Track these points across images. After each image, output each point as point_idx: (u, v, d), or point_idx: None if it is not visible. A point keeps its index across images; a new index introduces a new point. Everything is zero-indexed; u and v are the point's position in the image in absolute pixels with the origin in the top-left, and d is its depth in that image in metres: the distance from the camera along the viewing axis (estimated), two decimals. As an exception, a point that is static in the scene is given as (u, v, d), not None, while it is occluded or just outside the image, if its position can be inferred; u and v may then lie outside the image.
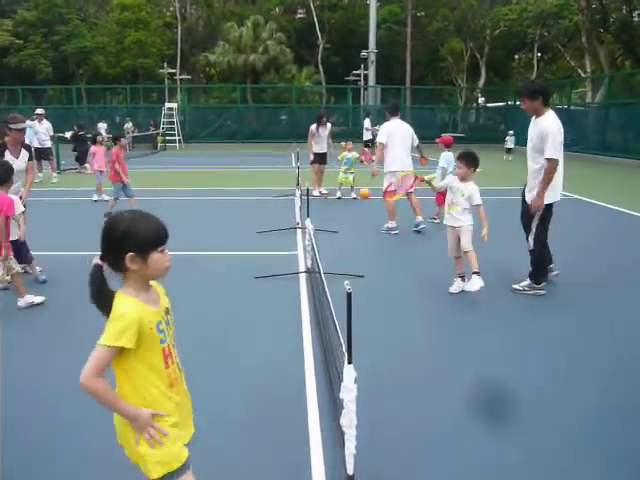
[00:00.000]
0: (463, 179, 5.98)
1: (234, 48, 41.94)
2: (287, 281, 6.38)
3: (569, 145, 26.83)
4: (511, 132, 27.12)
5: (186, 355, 4.47)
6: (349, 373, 2.65)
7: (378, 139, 9.11)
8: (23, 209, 6.23)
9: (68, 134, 20.48)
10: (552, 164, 5.71)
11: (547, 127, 5.84)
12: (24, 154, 6.66)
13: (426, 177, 6.80)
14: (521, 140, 32.56)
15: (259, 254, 7.78)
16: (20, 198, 6.41)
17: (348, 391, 2.65)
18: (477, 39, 42.60)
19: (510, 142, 26.25)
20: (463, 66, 43.82)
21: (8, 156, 6.47)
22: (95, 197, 12.66)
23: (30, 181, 6.82)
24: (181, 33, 45.13)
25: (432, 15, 44.73)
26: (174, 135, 32.97)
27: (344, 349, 2.75)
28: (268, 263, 7.08)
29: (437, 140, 10.09)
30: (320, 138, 13.24)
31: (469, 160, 5.95)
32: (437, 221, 9.26)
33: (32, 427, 3.48)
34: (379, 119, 34.73)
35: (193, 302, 5.82)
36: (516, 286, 6.10)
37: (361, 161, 16.83)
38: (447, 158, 9.33)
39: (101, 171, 12.87)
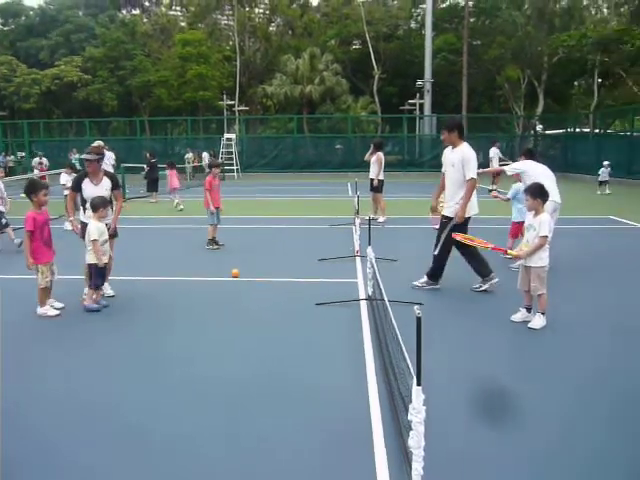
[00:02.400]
0: (536, 212, 5.86)
1: (291, 79, 42.92)
2: (348, 308, 6.47)
3: (632, 173, 26.34)
4: (607, 163, 22.72)
5: (246, 380, 4.64)
6: (418, 395, 2.72)
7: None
8: (104, 237, 6.56)
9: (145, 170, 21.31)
10: (472, 183, 6.86)
11: (467, 154, 6.92)
12: (106, 182, 6.95)
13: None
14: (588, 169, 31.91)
15: (320, 281, 7.90)
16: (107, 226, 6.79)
17: (417, 413, 2.71)
18: (535, 66, 42.19)
19: (605, 174, 22.29)
20: (520, 94, 43.43)
21: (87, 185, 6.86)
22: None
23: (118, 209, 7.12)
24: (240, 66, 46.43)
25: (488, 43, 44.59)
26: (232, 165, 33.78)
27: (412, 371, 2.81)
28: (329, 290, 7.18)
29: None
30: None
31: (534, 191, 5.87)
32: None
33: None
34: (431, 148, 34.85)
35: (254, 327, 5.97)
36: (415, 283, 7.38)
37: None
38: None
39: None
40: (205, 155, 32.08)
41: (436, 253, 7.15)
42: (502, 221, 10.65)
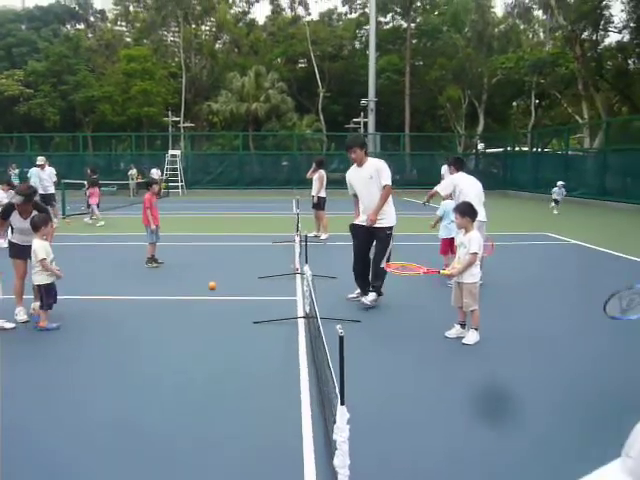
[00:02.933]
0: (466, 230, 6.00)
1: (236, 97, 42.92)
2: (286, 326, 6.48)
3: (568, 190, 27.43)
4: (561, 183, 21.77)
5: (182, 397, 4.61)
6: (342, 414, 2.75)
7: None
8: (51, 256, 6.48)
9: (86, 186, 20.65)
10: (389, 189, 7.24)
11: (380, 164, 7.37)
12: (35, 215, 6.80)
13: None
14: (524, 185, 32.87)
15: (259, 299, 7.89)
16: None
17: (341, 432, 2.74)
18: (475, 87, 43.52)
19: (557, 194, 21.32)
20: (461, 113, 44.65)
21: (15, 216, 6.69)
22: None
23: (50, 234, 6.96)
24: (185, 83, 46.19)
25: (430, 64, 45.84)
26: (177, 181, 33.43)
27: (337, 391, 2.85)
28: (268, 308, 7.17)
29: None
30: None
31: (462, 210, 6.03)
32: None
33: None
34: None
35: (192, 346, 5.92)
36: (364, 300, 7.31)
37: None
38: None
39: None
40: (154, 171, 31.62)
41: (382, 266, 7.11)
42: (428, 238, 10.79)
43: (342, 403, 2.75)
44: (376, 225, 7.24)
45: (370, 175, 7.27)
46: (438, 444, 3.87)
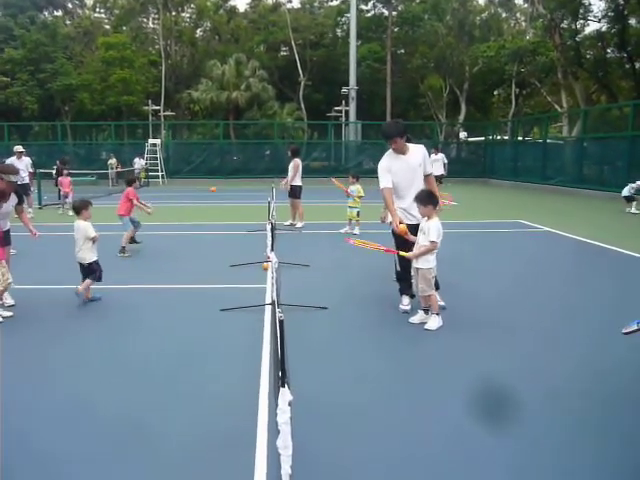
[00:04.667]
0: (429, 218, 6.01)
1: (217, 85, 42.68)
2: (253, 313, 6.51)
3: (546, 178, 27.56)
4: None
5: (141, 384, 4.64)
6: (283, 396, 2.81)
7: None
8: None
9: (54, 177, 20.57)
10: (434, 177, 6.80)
11: (424, 149, 6.67)
12: (13, 199, 6.88)
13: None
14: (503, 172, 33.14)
15: (229, 287, 7.92)
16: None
17: (282, 413, 2.80)
18: (456, 75, 43.63)
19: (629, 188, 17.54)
20: (443, 102, 44.76)
21: None
22: None
23: (25, 220, 7.40)
24: (165, 71, 45.82)
25: (411, 53, 45.89)
26: (157, 171, 33.23)
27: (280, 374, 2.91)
28: (237, 296, 7.21)
29: None
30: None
31: (420, 198, 6.07)
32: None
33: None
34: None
35: (153, 334, 5.94)
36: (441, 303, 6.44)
37: None
38: None
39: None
40: (137, 160, 31.58)
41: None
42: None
43: (283, 385, 2.81)
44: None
45: (419, 162, 6.52)
46: (395, 430, 3.95)
